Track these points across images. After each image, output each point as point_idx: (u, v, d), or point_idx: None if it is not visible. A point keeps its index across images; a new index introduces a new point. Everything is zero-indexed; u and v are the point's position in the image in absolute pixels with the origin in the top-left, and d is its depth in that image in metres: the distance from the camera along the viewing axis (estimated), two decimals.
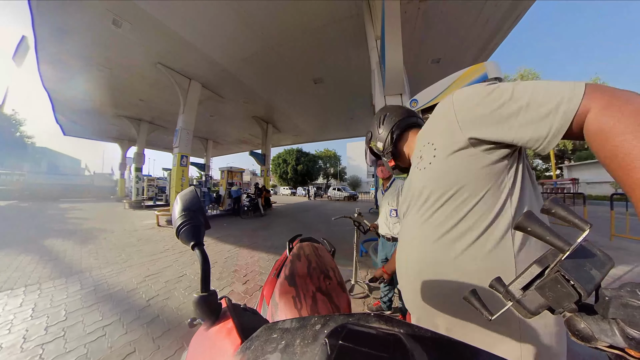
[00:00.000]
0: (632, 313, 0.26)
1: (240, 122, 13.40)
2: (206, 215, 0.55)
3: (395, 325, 0.31)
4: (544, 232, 0.36)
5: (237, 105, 10.68)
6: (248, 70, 7.59)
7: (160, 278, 2.94)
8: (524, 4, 4.98)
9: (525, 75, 23.16)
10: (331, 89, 9.19)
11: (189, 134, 7.72)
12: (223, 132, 15.57)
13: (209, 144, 17.68)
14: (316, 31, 5.82)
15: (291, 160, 37.33)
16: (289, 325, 0.35)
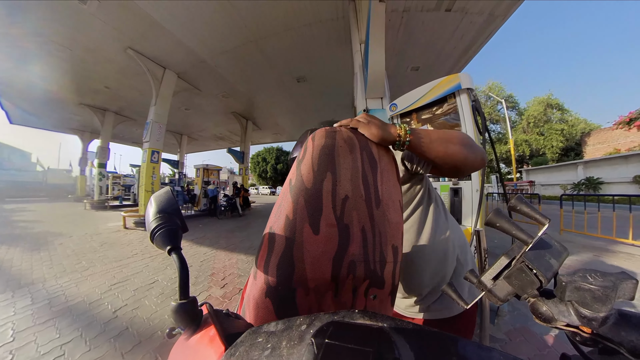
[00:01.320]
0: (583, 295, 0.29)
1: (218, 118, 12.82)
2: (183, 217, 0.53)
3: (380, 319, 0.32)
4: (510, 227, 0.41)
5: (216, 100, 10.21)
6: (228, 63, 7.31)
7: (129, 286, 2.72)
8: (495, 24, 5.53)
9: (493, 87, 25.35)
10: (314, 88, 9.21)
11: (161, 128, 7.23)
12: (199, 127, 14.74)
13: (183, 140, 16.60)
14: (301, 29, 5.80)
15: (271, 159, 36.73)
16: (274, 327, 0.34)
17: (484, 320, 1.57)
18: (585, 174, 14.76)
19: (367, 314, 0.34)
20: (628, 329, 0.29)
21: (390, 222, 0.51)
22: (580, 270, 0.31)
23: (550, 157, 20.94)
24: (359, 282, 0.48)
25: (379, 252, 0.49)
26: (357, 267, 0.47)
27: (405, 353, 0.24)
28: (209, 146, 20.68)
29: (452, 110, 2.26)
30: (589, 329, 0.31)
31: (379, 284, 0.50)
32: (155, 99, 7.17)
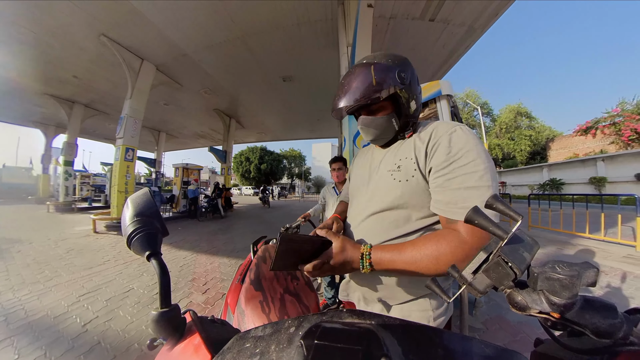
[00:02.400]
0: (553, 284, 0.32)
1: (200, 114, 12.30)
2: (163, 220, 0.51)
3: (367, 317, 0.33)
4: (487, 223, 0.45)
5: (197, 96, 9.80)
6: (213, 59, 7.05)
7: (100, 296, 2.51)
8: (474, 35, 5.97)
9: (470, 94, 26.88)
10: (300, 88, 9.18)
11: (136, 123, 6.78)
12: (179, 123, 14.03)
13: (161, 137, 15.63)
14: (290, 29, 5.76)
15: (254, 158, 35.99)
16: (262, 332, 0.34)
17: (463, 312, 1.66)
18: (550, 176, 16.12)
19: (354, 312, 0.34)
20: (591, 313, 0.32)
21: None
22: (549, 262, 0.34)
23: (520, 160, 22.65)
24: (285, 275, 0.93)
25: None
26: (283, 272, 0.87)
27: (393, 348, 0.25)
28: (189, 144, 19.77)
29: (433, 114, 2.36)
30: (558, 314, 0.34)
31: (297, 278, 0.95)
32: (131, 92, 6.70)
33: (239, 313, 0.75)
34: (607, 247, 4.29)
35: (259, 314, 0.71)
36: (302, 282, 0.96)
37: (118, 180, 6.40)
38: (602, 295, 2.54)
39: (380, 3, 4.57)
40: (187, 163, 10.94)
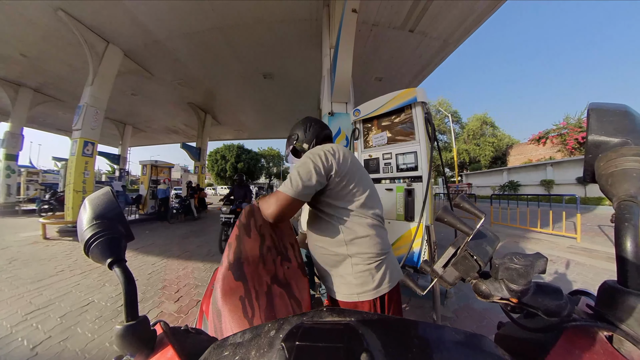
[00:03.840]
0: (511, 273, 0.37)
1: (172, 108, 11.49)
2: (127, 223, 0.46)
3: (347, 315, 0.34)
4: (455, 221, 0.49)
5: (170, 87, 9.13)
6: (189, 48, 6.61)
7: (53, 312, 2.22)
8: (448, 49, 6.48)
9: (442, 102, 28.74)
10: (280, 86, 9.04)
11: (98, 114, 6.13)
12: (148, 116, 12.90)
13: (127, 130, 14.14)
14: (273, 25, 5.65)
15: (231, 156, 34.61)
16: (241, 338, 0.33)
17: (436, 303, 1.77)
18: (509, 178, 17.92)
19: (335, 311, 0.35)
20: (542, 296, 0.37)
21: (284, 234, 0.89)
22: (508, 254, 0.38)
23: (484, 164, 24.86)
24: (274, 256, 0.78)
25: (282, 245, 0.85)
26: (272, 250, 0.78)
27: (373, 343, 0.26)
28: (159, 140, 18.35)
29: (408, 119, 2.48)
30: (516, 299, 0.38)
31: (288, 260, 0.81)
32: (93, 78, 6.00)
33: (215, 315, 0.63)
34: (554, 239, 4.93)
35: (240, 318, 0.60)
36: (294, 264, 0.80)
37: (74, 178, 5.70)
38: (550, 281, 2.89)
39: (364, 9, 4.72)
40: (156, 160, 10.03)
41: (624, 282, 0.34)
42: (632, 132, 0.38)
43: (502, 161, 24.34)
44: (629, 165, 0.36)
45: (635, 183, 0.36)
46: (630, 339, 0.31)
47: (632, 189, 0.36)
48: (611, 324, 0.33)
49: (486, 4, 4.98)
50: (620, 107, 0.40)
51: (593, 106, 0.42)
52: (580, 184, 12.31)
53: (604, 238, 4.80)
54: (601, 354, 0.33)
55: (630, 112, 0.39)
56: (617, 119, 0.39)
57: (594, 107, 0.41)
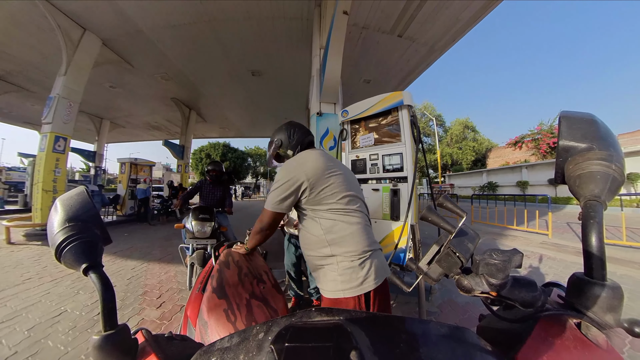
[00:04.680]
0: (490, 268, 0.39)
1: (154, 102, 10.95)
2: (104, 225, 0.44)
3: (336, 314, 0.34)
4: (439, 220, 0.51)
5: (152, 81, 8.69)
6: (174, 41, 6.33)
7: (20, 325, 2.03)
8: (434, 55, 6.76)
9: (427, 106, 29.67)
10: (269, 84, 8.91)
11: (71, 107, 5.72)
12: (128, 111, 12.19)
13: (104, 125, 13.23)
14: (263, 21, 5.55)
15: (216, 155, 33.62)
16: (229, 342, 0.32)
17: (421, 299, 1.83)
18: (488, 179, 18.90)
19: (323, 310, 0.35)
20: (519, 289, 0.39)
21: (258, 264, 1.08)
22: (487, 250, 0.41)
23: (465, 166, 26.03)
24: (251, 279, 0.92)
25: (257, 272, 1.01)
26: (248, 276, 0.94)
27: (361, 340, 0.26)
28: (139, 136, 17.44)
29: (395, 122, 2.54)
30: (495, 292, 0.40)
31: (263, 282, 0.95)
32: (66, 68, 5.57)
33: (201, 325, 0.69)
34: (528, 235, 5.30)
35: (224, 323, 0.67)
36: (269, 285, 0.94)
37: (43, 176, 5.26)
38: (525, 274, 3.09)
39: (355, 12, 4.78)
40: (136, 158, 9.54)
41: (590, 273, 0.37)
42: (597, 139, 0.41)
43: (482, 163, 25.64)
44: (594, 168, 0.40)
45: (599, 184, 0.39)
46: (595, 324, 0.34)
47: (596, 189, 0.39)
48: (579, 312, 0.36)
49: (470, 14, 5.24)
50: (587, 116, 0.44)
51: (564, 114, 0.45)
52: (551, 185, 13.21)
53: (573, 234, 5.19)
54: (571, 339, 0.35)
55: (596, 121, 0.43)
56: (585, 126, 0.43)
57: (564, 114, 0.45)
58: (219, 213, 3.01)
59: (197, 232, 2.44)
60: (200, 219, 2.48)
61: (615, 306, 0.34)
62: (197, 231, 2.44)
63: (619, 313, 0.34)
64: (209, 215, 2.54)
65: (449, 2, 4.88)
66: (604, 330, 0.34)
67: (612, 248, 3.98)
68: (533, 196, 10.01)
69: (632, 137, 14.89)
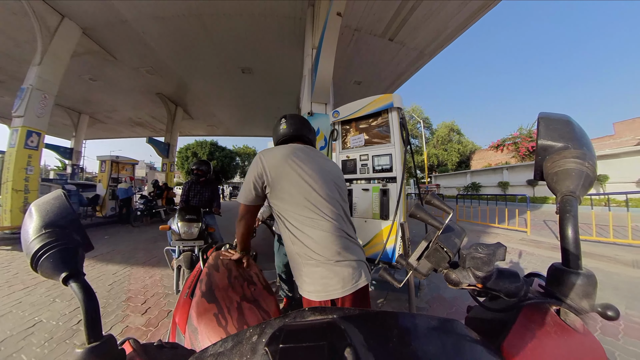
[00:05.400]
0: (476, 262, 0.41)
1: (138, 97, 10.49)
2: (84, 230, 0.41)
3: (329, 312, 0.34)
4: (427, 217, 0.53)
5: (136, 74, 8.33)
6: (161, 33, 6.06)
7: None
8: (423, 60, 6.98)
9: (415, 109, 30.41)
10: (259, 82, 8.80)
11: (46, 99, 5.36)
12: (109, 105, 11.60)
13: (82, 120, 12.49)
14: (255, 18, 5.46)
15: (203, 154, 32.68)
16: (222, 347, 0.32)
17: (411, 294, 1.88)
18: (471, 180, 19.65)
19: (316, 309, 0.36)
20: (503, 280, 0.42)
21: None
22: (474, 245, 0.42)
23: (450, 167, 26.93)
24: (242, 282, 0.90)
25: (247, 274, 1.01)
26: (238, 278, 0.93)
27: (355, 337, 0.27)
28: (121, 133, 16.65)
29: (385, 123, 2.59)
30: (481, 284, 0.42)
31: (254, 284, 0.93)
32: (42, 57, 5.20)
33: (191, 331, 0.67)
34: (509, 233, 5.61)
35: (215, 328, 0.65)
36: (259, 287, 0.93)
37: (14, 174, 4.89)
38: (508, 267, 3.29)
39: (348, 14, 4.82)
40: (117, 155, 9.09)
41: (567, 263, 0.40)
42: (572, 139, 0.44)
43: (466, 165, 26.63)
44: (570, 165, 0.43)
45: (574, 181, 0.42)
46: (573, 310, 0.37)
47: (572, 185, 0.42)
48: (558, 299, 0.38)
49: (458, 22, 5.48)
50: (563, 117, 0.47)
51: (542, 115, 0.48)
52: (530, 185, 13.94)
53: (549, 231, 5.50)
54: (552, 325, 0.38)
55: (571, 122, 0.46)
56: (561, 126, 0.46)
57: (542, 116, 0.48)
58: (207, 214, 2.92)
59: (183, 234, 2.37)
60: (187, 220, 2.39)
61: (590, 293, 0.36)
62: (183, 233, 2.37)
63: (593, 299, 0.36)
64: (196, 216, 2.45)
65: (438, 9, 5.05)
66: (580, 315, 0.37)
67: (583, 243, 4.20)
68: (513, 196, 10.61)
69: (600, 142, 16.00)
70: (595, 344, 0.37)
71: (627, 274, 3.12)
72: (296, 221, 0.90)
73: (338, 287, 0.84)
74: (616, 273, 3.17)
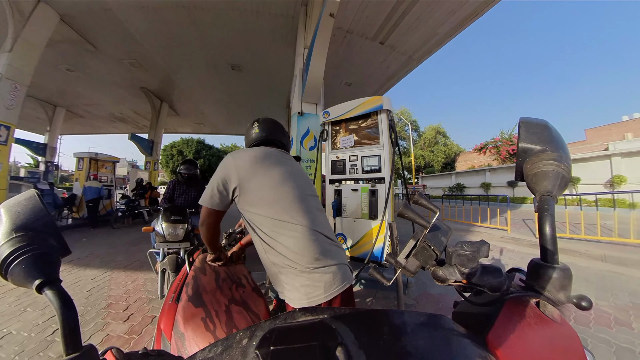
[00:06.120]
0: (462, 259, 0.42)
1: (120, 91, 10.00)
2: (60, 234, 0.38)
3: (320, 312, 0.35)
4: (414, 216, 0.54)
5: (120, 67, 7.91)
6: (146, 24, 5.77)
7: None
8: (412, 64, 7.21)
9: (403, 112, 31.12)
10: (249, 80, 8.65)
11: (18, 89, 4.97)
12: (88, 99, 10.93)
13: (57, 114, 11.68)
14: (247, 14, 5.36)
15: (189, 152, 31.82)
16: (211, 352, 0.31)
17: (399, 292, 1.91)
18: (456, 181, 20.39)
19: (307, 310, 0.36)
20: (487, 276, 0.43)
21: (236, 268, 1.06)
22: (459, 242, 0.44)
23: (437, 169, 27.84)
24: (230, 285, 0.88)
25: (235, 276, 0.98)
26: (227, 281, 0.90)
27: (346, 336, 0.27)
28: (101, 128, 15.82)
29: (374, 125, 2.63)
30: (466, 280, 0.44)
31: (242, 286, 0.91)
32: (12, 43, 4.81)
33: (178, 337, 0.65)
34: (491, 231, 5.89)
35: (203, 333, 0.63)
36: (248, 289, 0.91)
37: None
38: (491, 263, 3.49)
39: (341, 16, 4.85)
40: (96, 152, 8.52)
41: (545, 258, 0.42)
42: (549, 142, 0.47)
43: (451, 166, 27.62)
44: (547, 167, 0.46)
45: (551, 181, 0.45)
46: (550, 302, 0.39)
47: (549, 186, 0.45)
48: (537, 292, 0.41)
49: (446, 30, 5.71)
50: (542, 122, 0.50)
51: (523, 120, 0.51)
52: (510, 186, 14.66)
53: (528, 229, 5.81)
54: (532, 316, 0.41)
55: (549, 126, 0.50)
56: (540, 130, 0.49)
57: (523, 120, 0.51)
58: (193, 214, 2.83)
59: (168, 236, 2.27)
60: (172, 221, 2.30)
61: (566, 285, 0.39)
62: (168, 234, 2.27)
63: (569, 291, 0.39)
64: (182, 217, 2.36)
65: (428, 16, 5.23)
66: (557, 306, 0.39)
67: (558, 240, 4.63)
68: (495, 196, 11.19)
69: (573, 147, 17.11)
70: (571, 332, 0.39)
71: (597, 268, 3.39)
72: (268, 228, 0.85)
73: (320, 293, 0.80)
74: (587, 267, 3.43)
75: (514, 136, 19.33)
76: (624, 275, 3.09)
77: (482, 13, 5.27)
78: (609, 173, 10.87)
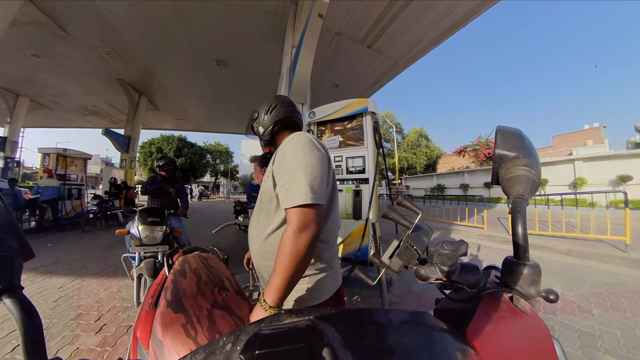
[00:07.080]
0: (442, 258, 0.45)
1: (94, 82, 9.27)
2: (23, 235, 0.35)
3: (305, 314, 0.35)
4: (398, 217, 0.56)
5: (93, 55, 7.27)
6: (126, 11, 5.38)
7: None
8: (397, 69, 7.41)
9: (388, 114, 31.89)
10: (234, 76, 8.43)
11: None
12: (57, 89, 9.99)
13: (20, 104, 10.60)
14: (235, 8, 5.20)
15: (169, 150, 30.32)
16: (192, 359, 0.30)
17: (383, 290, 1.96)
18: (437, 182, 21.43)
19: (292, 312, 0.36)
20: (466, 273, 0.46)
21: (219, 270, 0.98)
22: (439, 243, 0.46)
23: (419, 170, 28.90)
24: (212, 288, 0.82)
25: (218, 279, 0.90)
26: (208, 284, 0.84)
27: (332, 336, 0.27)
28: (71, 121, 14.59)
29: (359, 126, 2.67)
30: (447, 278, 0.46)
31: (225, 289, 0.85)
32: None
33: (155, 346, 0.61)
34: (469, 229, 6.27)
35: (183, 340, 0.60)
36: (232, 292, 0.87)
37: None
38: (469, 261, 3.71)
39: (330, 17, 4.88)
40: (65, 148, 7.77)
41: (517, 256, 0.46)
42: (522, 149, 0.51)
43: (433, 168, 28.81)
44: (520, 172, 0.49)
45: (523, 185, 0.48)
46: (522, 296, 0.43)
47: (521, 189, 0.48)
48: (511, 287, 0.44)
49: (431, 37, 5.96)
50: (516, 130, 0.55)
51: (499, 128, 0.55)
52: (486, 187, 15.63)
53: (502, 227, 6.25)
54: (506, 310, 0.44)
55: (522, 135, 0.54)
56: (514, 138, 0.53)
57: (499, 129, 0.55)
58: (171, 215, 2.69)
59: (145, 239, 2.14)
60: (149, 223, 2.18)
61: (536, 280, 0.43)
62: (145, 237, 2.14)
63: (539, 285, 0.43)
64: (160, 218, 2.25)
65: (415, 24, 5.42)
66: (529, 300, 0.43)
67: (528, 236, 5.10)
68: (472, 196, 11.96)
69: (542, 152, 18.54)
70: (541, 324, 0.43)
71: (563, 261, 3.71)
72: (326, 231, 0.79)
73: (315, 296, 0.79)
74: (554, 261, 3.73)
75: (490, 140, 20.52)
76: (585, 267, 3.41)
77: (464, 24, 5.58)
78: (573, 175, 11.96)
